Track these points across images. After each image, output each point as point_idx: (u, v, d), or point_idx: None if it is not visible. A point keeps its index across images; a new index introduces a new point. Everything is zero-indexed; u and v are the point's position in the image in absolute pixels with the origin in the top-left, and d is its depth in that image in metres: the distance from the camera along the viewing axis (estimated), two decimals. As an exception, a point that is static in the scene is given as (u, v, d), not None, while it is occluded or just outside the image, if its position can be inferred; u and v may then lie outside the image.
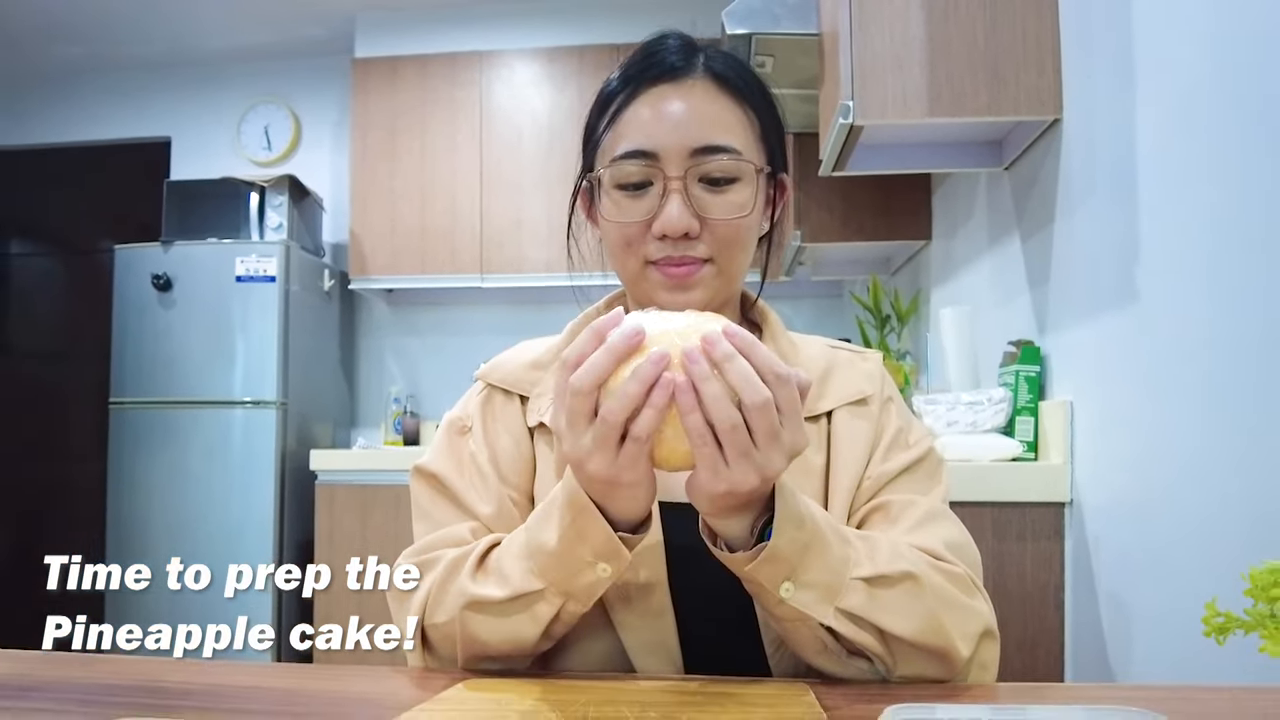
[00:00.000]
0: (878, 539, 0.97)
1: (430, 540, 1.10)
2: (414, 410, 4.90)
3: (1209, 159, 1.60)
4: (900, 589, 0.91)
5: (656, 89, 1.11)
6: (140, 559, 3.51)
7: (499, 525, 1.10)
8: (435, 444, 1.22)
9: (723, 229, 1.09)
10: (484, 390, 1.22)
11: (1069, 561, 2.12)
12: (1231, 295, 1.52)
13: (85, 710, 0.86)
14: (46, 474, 5.38)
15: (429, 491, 1.17)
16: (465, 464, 1.17)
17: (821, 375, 1.17)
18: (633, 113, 1.11)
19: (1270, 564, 0.74)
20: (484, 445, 1.17)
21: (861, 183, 3.45)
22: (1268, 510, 1.41)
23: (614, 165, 1.10)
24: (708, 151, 1.07)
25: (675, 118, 1.08)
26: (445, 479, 1.16)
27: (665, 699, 0.86)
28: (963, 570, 1.00)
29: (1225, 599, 0.74)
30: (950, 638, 0.92)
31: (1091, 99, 2.07)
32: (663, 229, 1.07)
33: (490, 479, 1.14)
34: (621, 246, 1.12)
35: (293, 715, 0.84)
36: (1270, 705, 0.86)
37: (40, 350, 5.50)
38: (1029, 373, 2.30)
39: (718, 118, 1.10)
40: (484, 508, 1.12)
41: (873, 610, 0.90)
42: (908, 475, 1.13)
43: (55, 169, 5.49)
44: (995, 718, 0.59)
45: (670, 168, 1.07)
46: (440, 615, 1.00)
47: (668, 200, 1.07)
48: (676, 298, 1.11)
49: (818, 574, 0.89)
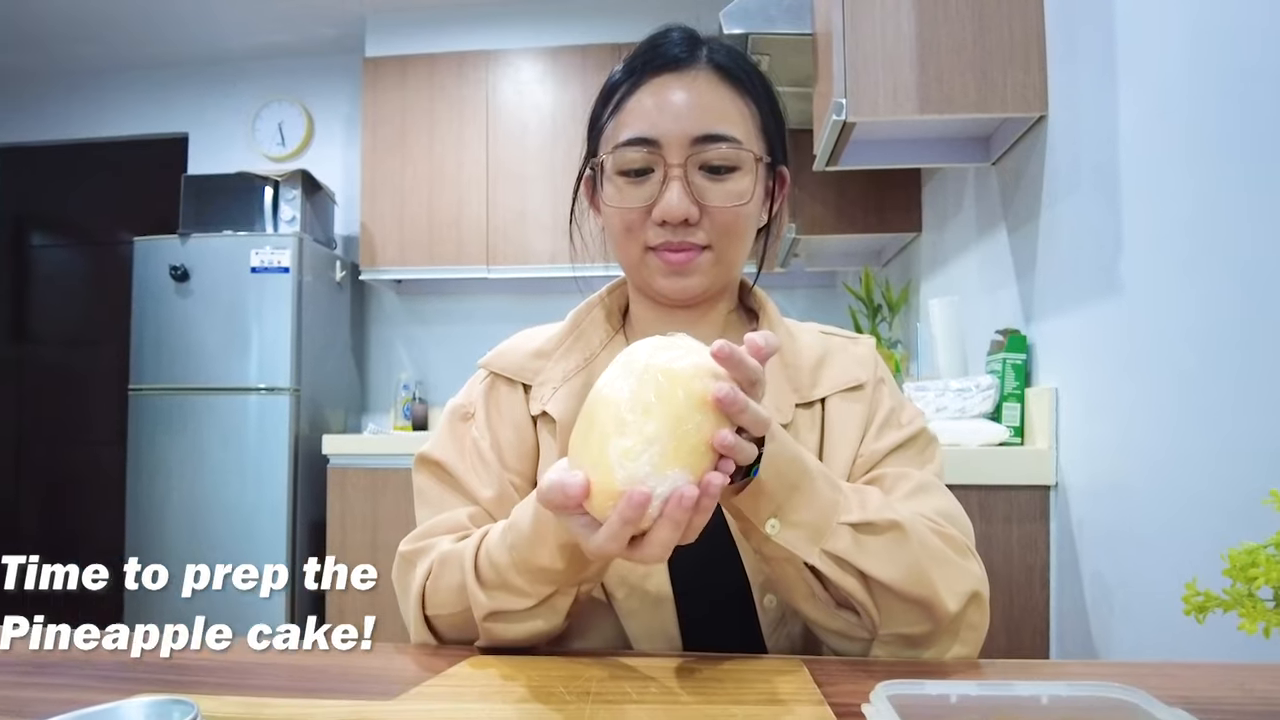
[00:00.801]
0: (870, 492, 0.96)
1: (429, 526, 1.10)
2: (422, 397, 4.91)
3: (1188, 154, 1.60)
4: (887, 537, 0.91)
5: (660, 79, 1.10)
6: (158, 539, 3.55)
7: (500, 509, 1.09)
8: (438, 431, 1.21)
9: (721, 216, 1.08)
10: (487, 378, 1.21)
11: (1054, 543, 2.13)
12: (1210, 285, 1.51)
13: (107, 686, 0.86)
14: (70, 456, 5.40)
15: (431, 478, 1.17)
16: (467, 450, 1.16)
17: (816, 363, 1.16)
18: (636, 101, 1.11)
19: (1247, 545, 0.74)
20: (486, 431, 1.16)
21: (854, 177, 3.46)
22: (1245, 493, 1.40)
23: (616, 152, 1.10)
24: (708, 140, 1.07)
25: (677, 107, 1.08)
26: (447, 465, 1.15)
27: (665, 675, 0.86)
28: (956, 534, 1.00)
29: (1205, 579, 0.74)
30: (936, 589, 0.91)
31: (1075, 97, 2.07)
32: (662, 215, 1.07)
33: (492, 464, 1.14)
34: (622, 232, 1.12)
35: (304, 690, 0.84)
36: (1247, 680, 0.86)
37: (63, 338, 5.50)
38: (1015, 360, 2.30)
39: (719, 108, 1.09)
40: (485, 491, 1.12)
41: (858, 555, 0.89)
42: (900, 452, 1.12)
43: (77, 164, 5.49)
44: (982, 693, 0.59)
45: (671, 155, 1.07)
46: (442, 609, 1.00)
47: (668, 186, 1.06)
48: (675, 283, 1.11)
49: (804, 514, 0.88)
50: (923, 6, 2.25)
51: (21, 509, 5.45)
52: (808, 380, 1.14)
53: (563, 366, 1.17)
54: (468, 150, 4.64)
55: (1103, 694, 0.62)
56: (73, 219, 5.58)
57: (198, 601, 2.53)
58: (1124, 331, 1.82)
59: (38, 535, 5.39)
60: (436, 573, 1.01)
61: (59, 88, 5.43)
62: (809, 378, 1.15)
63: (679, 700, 0.79)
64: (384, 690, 0.82)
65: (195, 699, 0.60)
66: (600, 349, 1.19)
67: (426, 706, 0.77)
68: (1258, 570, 0.73)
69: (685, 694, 0.81)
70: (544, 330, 1.24)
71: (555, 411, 1.13)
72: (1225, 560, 0.75)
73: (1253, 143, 1.41)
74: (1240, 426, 1.43)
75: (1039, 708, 0.60)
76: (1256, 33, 1.41)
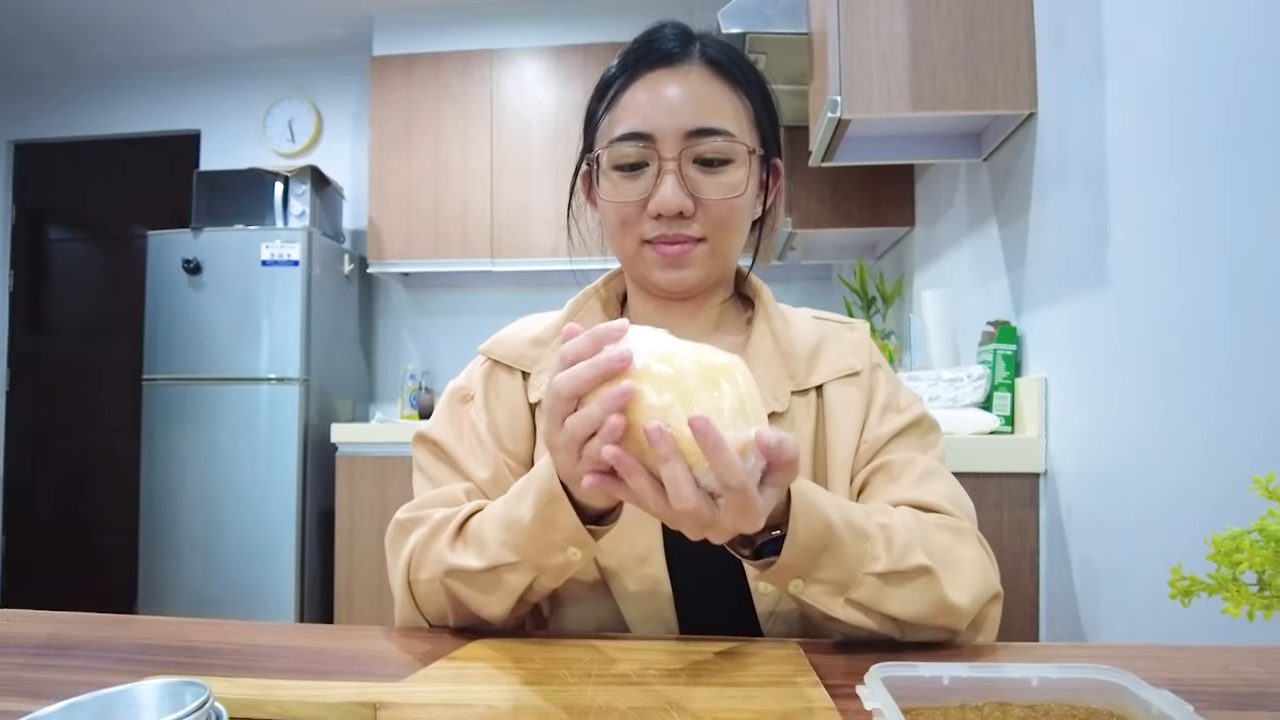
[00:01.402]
0: (895, 528, 0.93)
1: (425, 498, 1.10)
2: (428, 386, 4.90)
3: (1174, 150, 1.60)
4: (914, 583, 0.89)
5: (653, 74, 1.09)
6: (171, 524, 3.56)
7: (495, 489, 1.08)
8: (437, 412, 1.21)
9: (716, 209, 1.07)
10: (486, 364, 1.20)
11: (1043, 529, 2.13)
12: (1195, 277, 1.51)
13: (121, 668, 0.86)
14: (86, 445, 5.40)
15: (429, 456, 1.16)
16: (465, 431, 1.16)
17: (812, 350, 1.16)
18: (630, 97, 1.10)
19: (1232, 531, 0.74)
20: (484, 414, 1.16)
21: (849, 173, 3.45)
22: (1229, 480, 1.41)
23: (611, 147, 1.09)
24: (702, 134, 1.06)
25: (671, 102, 1.07)
26: (445, 444, 1.14)
27: (664, 658, 0.86)
28: (969, 526, 1.00)
29: (1190, 563, 0.74)
30: (959, 615, 0.91)
31: (1064, 94, 2.06)
32: (657, 208, 1.06)
33: (489, 445, 1.13)
34: (619, 226, 1.11)
35: (315, 672, 0.84)
36: (1231, 661, 0.86)
37: (79, 330, 5.50)
38: (1006, 351, 2.30)
39: (712, 102, 1.08)
40: (481, 472, 1.11)
41: (883, 601, 0.88)
42: (903, 438, 1.12)
43: (93, 160, 5.49)
44: (973, 674, 0.59)
45: (665, 149, 1.06)
46: (423, 573, 1.00)
47: (662, 180, 1.06)
48: (670, 276, 1.11)
49: (829, 573, 0.87)
50: (916, 7, 2.25)
51: (39, 495, 5.46)
52: (804, 368, 1.14)
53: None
54: (472, 146, 4.64)
55: (1091, 676, 0.62)
56: (88, 214, 5.58)
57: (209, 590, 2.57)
58: (1112, 323, 1.82)
59: (55, 521, 5.41)
60: (427, 538, 1.01)
61: (75, 86, 5.43)
62: (805, 365, 1.14)
63: (678, 682, 0.79)
64: (392, 673, 0.82)
65: (208, 680, 0.60)
66: None
67: (433, 688, 0.77)
68: (1241, 555, 0.73)
69: (684, 676, 0.81)
70: (542, 318, 1.23)
71: None
72: (1210, 545, 0.75)
73: (1235, 139, 1.41)
74: (1225, 415, 1.44)
75: (1029, 689, 0.61)
76: (1239, 33, 1.41)
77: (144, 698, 0.59)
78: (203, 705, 0.55)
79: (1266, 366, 1.33)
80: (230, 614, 4.03)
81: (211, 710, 0.56)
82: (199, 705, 0.54)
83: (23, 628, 1.02)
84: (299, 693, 0.73)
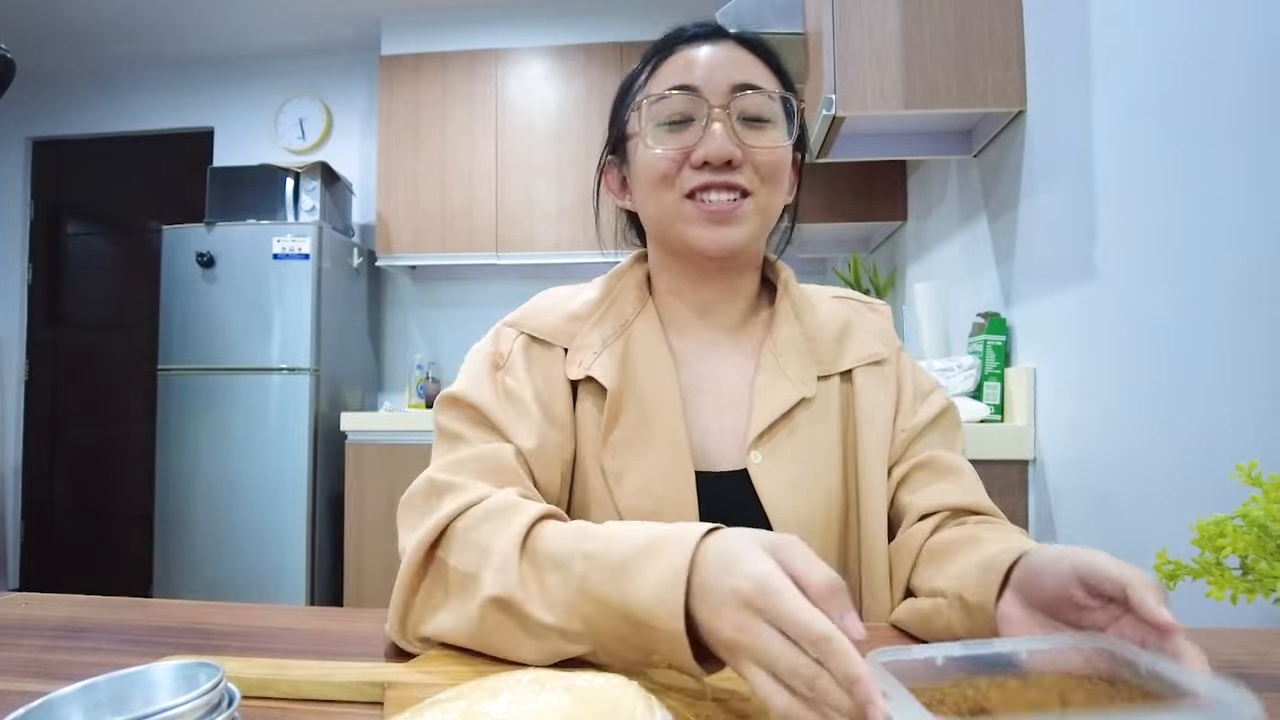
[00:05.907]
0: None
1: (464, 456, 0.98)
2: (435, 376, 4.90)
3: (1158, 147, 1.59)
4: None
5: (691, 46, 1.08)
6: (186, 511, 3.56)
7: (539, 463, 1.01)
8: (468, 375, 1.09)
9: (762, 158, 1.04)
10: (519, 337, 1.11)
11: (1032, 514, 2.13)
12: (1179, 270, 1.51)
13: (137, 650, 0.86)
14: (102, 434, 5.40)
15: (463, 419, 1.04)
16: (503, 398, 1.05)
17: (838, 334, 1.13)
18: (671, 63, 1.08)
19: (1216, 516, 0.74)
20: (528, 383, 1.06)
21: (843, 169, 3.45)
22: (1213, 466, 1.41)
23: (658, 102, 1.06)
24: (747, 88, 1.04)
25: (715, 60, 1.06)
26: (484, 407, 1.03)
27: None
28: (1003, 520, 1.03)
29: (1175, 548, 0.74)
30: None
31: (1053, 92, 2.06)
32: (705, 155, 1.02)
33: (534, 414, 1.03)
34: (659, 181, 1.06)
35: (325, 653, 0.84)
36: (1215, 644, 0.86)
37: (96, 322, 5.50)
38: (996, 342, 2.30)
39: (753, 68, 1.07)
40: (528, 441, 1.01)
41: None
42: (935, 430, 1.11)
43: (109, 157, 5.48)
44: (966, 652, 0.59)
45: (713, 98, 1.03)
46: (454, 556, 0.84)
47: (711, 128, 1.03)
48: (716, 234, 1.05)
49: None
50: (907, 7, 2.25)
51: (57, 483, 5.46)
52: (830, 352, 1.12)
53: (600, 332, 1.10)
54: (478, 143, 4.63)
55: (1078, 644, 0.62)
56: (105, 209, 5.57)
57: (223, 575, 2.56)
58: (1098, 314, 1.82)
59: (72, 507, 5.41)
60: (479, 515, 0.86)
61: (92, 85, 5.42)
62: (831, 350, 1.12)
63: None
64: (400, 653, 0.82)
65: (221, 661, 0.60)
66: (633, 316, 1.13)
67: (442, 668, 0.77)
68: (1225, 540, 0.73)
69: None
70: (573, 294, 1.17)
71: (604, 378, 1.06)
72: (1194, 531, 0.75)
73: (1217, 136, 1.40)
74: (1208, 404, 1.43)
75: (1020, 661, 0.61)
76: (1220, 34, 1.40)
77: (159, 678, 0.58)
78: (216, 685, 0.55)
79: (1248, 356, 1.33)
80: (243, 598, 4.03)
81: (225, 690, 0.56)
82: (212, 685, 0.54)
83: (42, 611, 1.02)
84: (310, 672, 0.73)
